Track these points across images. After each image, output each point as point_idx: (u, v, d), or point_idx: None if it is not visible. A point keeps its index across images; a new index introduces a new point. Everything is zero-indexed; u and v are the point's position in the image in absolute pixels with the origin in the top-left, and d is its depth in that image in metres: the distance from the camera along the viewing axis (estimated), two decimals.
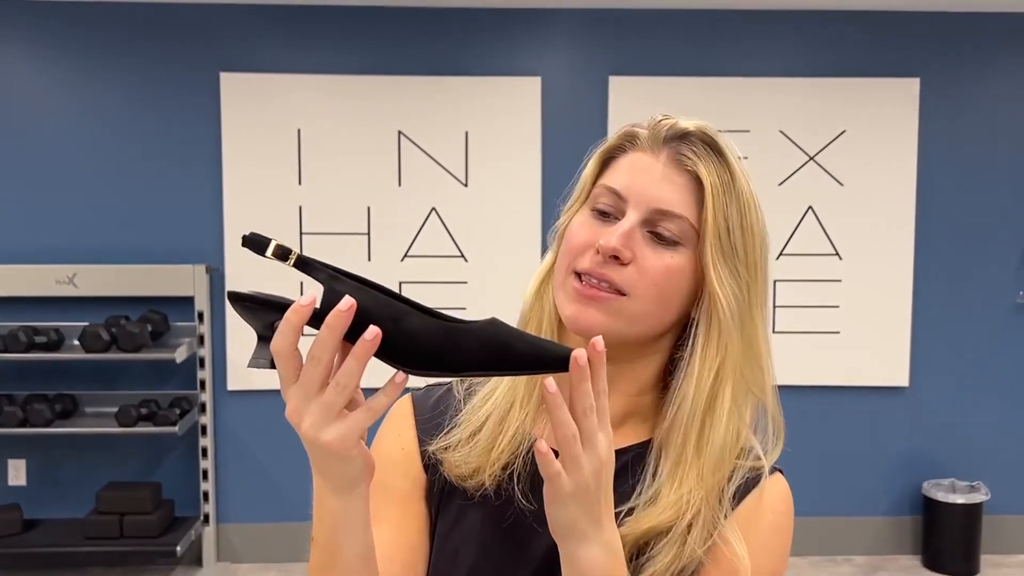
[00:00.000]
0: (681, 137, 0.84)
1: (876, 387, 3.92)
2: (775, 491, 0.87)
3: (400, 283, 3.80)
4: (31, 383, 3.75)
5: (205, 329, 3.69)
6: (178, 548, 3.48)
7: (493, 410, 0.88)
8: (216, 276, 3.76)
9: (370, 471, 0.70)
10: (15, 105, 3.72)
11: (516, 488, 0.85)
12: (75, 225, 3.75)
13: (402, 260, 3.82)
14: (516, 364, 0.65)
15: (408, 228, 3.81)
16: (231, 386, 3.81)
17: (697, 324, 0.83)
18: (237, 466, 3.87)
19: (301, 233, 3.78)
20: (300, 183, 3.77)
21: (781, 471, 0.90)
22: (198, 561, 3.78)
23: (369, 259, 3.81)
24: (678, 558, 0.79)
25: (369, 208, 3.80)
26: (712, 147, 0.84)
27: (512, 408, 0.87)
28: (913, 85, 3.81)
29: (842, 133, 3.81)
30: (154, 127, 3.75)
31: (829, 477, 3.95)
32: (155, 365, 3.78)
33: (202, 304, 3.66)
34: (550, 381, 0.65)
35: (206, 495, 3.75)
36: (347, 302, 0.61)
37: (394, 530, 0.88)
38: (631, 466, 0.85)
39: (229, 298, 0.64)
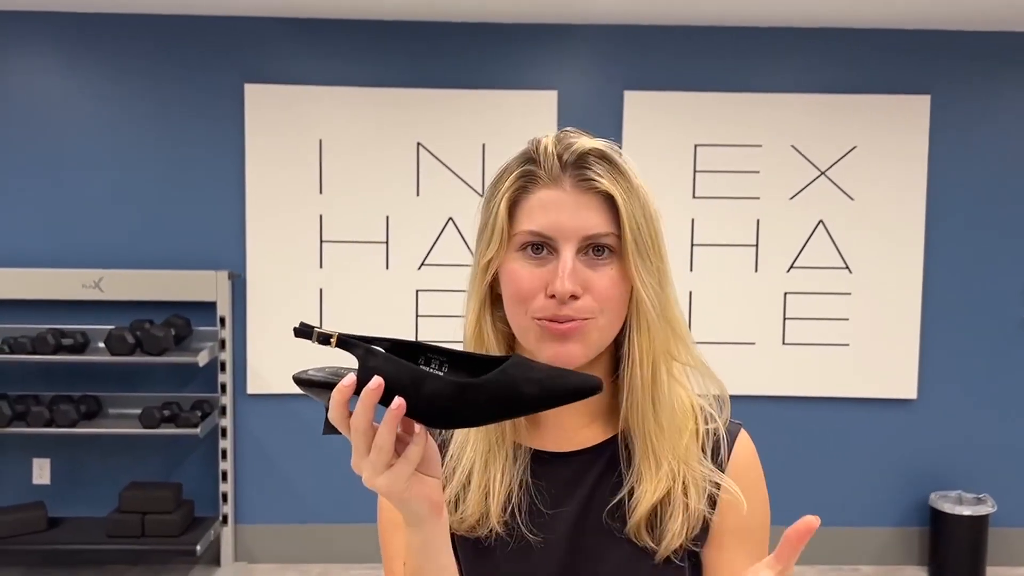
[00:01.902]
0: (576, 162, 0.88)
1: (885, 399, 3.97)
2: (747, 446, 0.97)
3: (417, 291, 3.88)
4: (57, 384, 3.85)
5: (226, 334, 3.77)
6: (198, 547, 3.57)
7: (475, 457, 0.93)
8: (238, 282, 3.85)
9: (437, 510, 0.79)
10: (45, 114, 3.82)
11: (521, 522, 0.92)
12: (102, 231, 3.84)
13: (419, 268, 3.90)
14: (527, 407, 0.75)
15: (425, 237, 3.88)
16: (251, 389, 3.90)
17: (629, 320, 0.90)
18: (255, 468, 3.95)
19: (321, 241, 3.86)
20: (321, 192, 3.86)
21: (742, 425, 0.98)
22: (216, 561, 3.86)
23: (387, 267, 3.89)
24: (687, 519, 0.89)
25: (388, 217, 3.88)
26: (606, 159, 0.88)
27: (491, 450, 0.93)
28: (924, 102, 3.86)
29: (853, 149, 3.87)
30: (180, 136, 3.84)
31: (837, 487, 4.00)
32: (178, 368, 3.87)
33: (224, 309, 3.75)
34: None
35: (225, 496, 3.84)
36: (375, 382, 0.71)
37: None
38: (612, 459, 0.93)
39: (294, 380, 0.77)
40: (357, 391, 0.72)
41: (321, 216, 3.87)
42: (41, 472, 3.91)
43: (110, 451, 3.90)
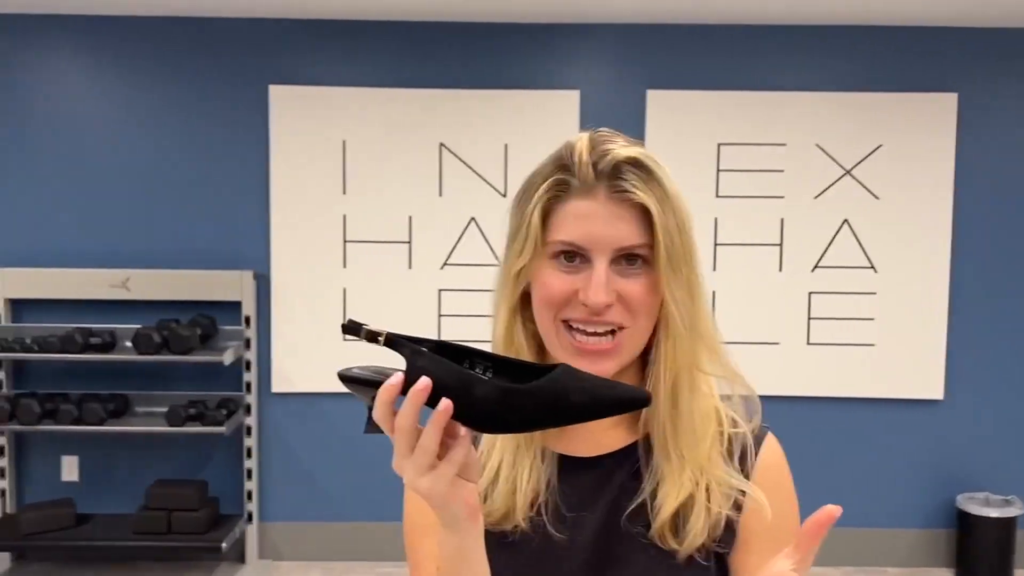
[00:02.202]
0: (612, 172, 0.87)
1: (911, 400, 3.93)
2: (774, 450, 0.97)
3: (439, 290, 3.89)
4: (85, 383, 3.90)
5: (252, 333, 3.81)
6: (223, 545, 3.60)
7: (503, 453, 0.94)
8: (263, 282, 3.88)
9: (473, 513, 0.78)
10: (72, 116, 3.87)
11: (546, 521, 0.92)
12: (129, 231, 3.89)
13: (441, 268, 3.91)
14: (574, 416, 0.74)
15: (448, 237, 3.90)
16: (275, 388, 3.93)
17: (659, 329, 0.91)
18: (280, 466, 3.98)
19: (345, 241, 3.89)
20: (344, 192, 3.88)
21: (769, 429, 0.98)
22: (241, 558, 3.90)
23: (410, 267, 3.90)
24: (708, 520, 0.89)
25: (410, 217, 3.90)
26: (641, 168, 0.87)
27: (519, 447, 0.94)
28: (951, 100, 3.82)
29: (879, 147, 3.84)
30: (205, 137, 3.88)
31: (863, 489, 3.97)
32: (203, 367, 3.91)
33: (249, 309, 3.79)
34: None
35: (250, 494, 3.87)
36: (423, 382, 0.71)
37: None
38: (636, 464, 0.93)
39: (339, 377, 0.75)
40: (403, 391, 0.72)
41: (345, 216, 3.89)
42: (70, 469, 3.97)
43: (137, 449, 3.95)
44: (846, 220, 3.87)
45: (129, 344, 3.71)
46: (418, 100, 3.85)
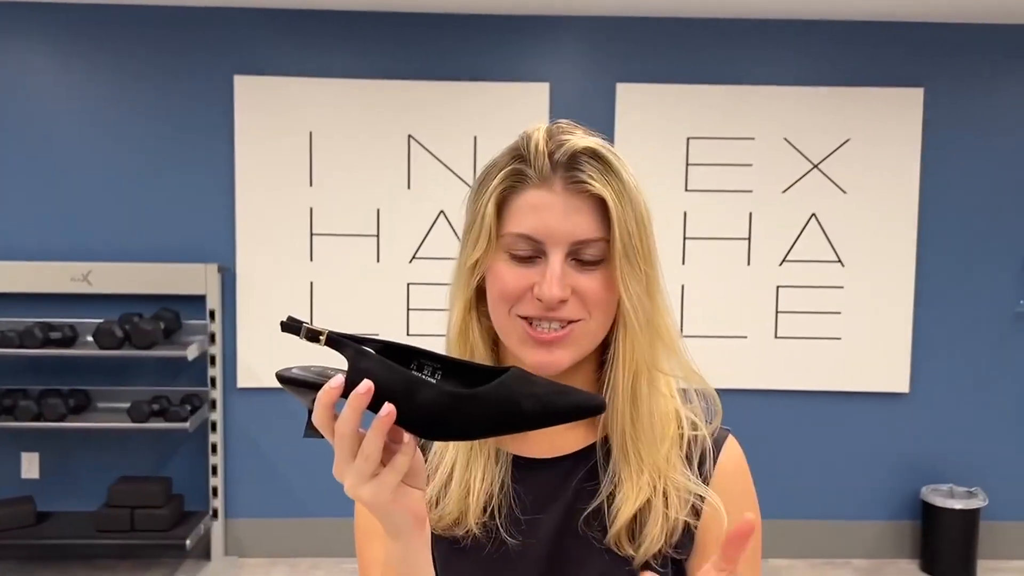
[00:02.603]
0: (568, 162, 0.85)
1: (877, 393, 3.96)
2: (733, 454, 0.95)
3: (408, 284, 3.86)
4: (45, 378, 3.82)
5: (216, 327, 3.75)
6: (187, 542, 3.55)
7: (456, 456, 0.92)
8: (228, 275, 3.83)
9: (419, 523, 0.75)
10: (31, 106, 3.79)
11: (500, 525, 0.90)
12: (90, 224, 3.82)
13: (410, 262, 3.88)
14: (525, 424, 0.70)
15: (417, 231, 3.86)
16: (241, 383, 3.88)
17: (616, 326, 0.89)
18: (246, 462, 3.93)
19: (312, 234, 3.84)
20: (311, 185, 3.83)
21: (730, 431, 0.96)
22: (207, 555, 3.85)
23: (378, 260, 3.87)
24: (665, 526, 0.87)
25: (379, 210, 3.86)
26: (599, 159, 0.85)
27: (472, 449, 0.91)
28: (918, 95, 3.85)
29: (846, 142, 3.85)
30: (169, 129, 3.81)
31: (829, 481, 4.00)
32: (167, 362, 3.85)
33: (213, 303, 3.73)
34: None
35: (215, 490, 3.82)
36: (364, 385, 0.67)
37: None
38: (593, 466, 0.91)
39: (277, 378, 0.72)
40: (345, 394, 0.68)
41: (312, 209, 3.84)
42: (30, 466, 3.89)
43: (99, 445, 3.88)
44: (814, 214, 3.89)
45: (90, 339, 3.64)
46: (386, 91, 3.81)
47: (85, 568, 3.77)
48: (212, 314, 3.74)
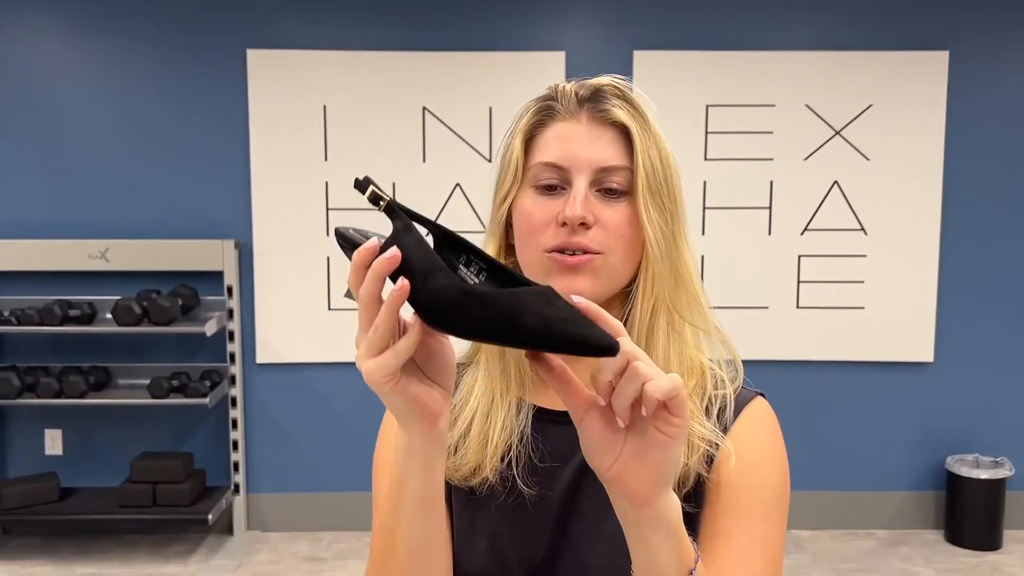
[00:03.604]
0: (593, 96, 0.88)
1: (901, 362, 3.91)
2: (760, 410, 0.92)
3: None
4: (66, 355, 3.84)
5: (234, 303, 3.75)
6: (210, 517, 3.57)
7: (477, 406, 0.92)
8: (244, 251, 3.82)
9: (429, 417, 0.72)
10: (47, 83, 3.77)
11: (517, 475, 0.89)
12: (107, 201, 3.81)
13: (426, 235, 3.83)
14: (522, 340, 0.67)
15: (433, 203, 3.83)
16: (260, 359, 3.88)
17: (641, 260, 0.88)
18: (266, 437, 3.94)
19: (328, 209, 3.82)
20: (326, 159, 3.81)
21: (763, 395, 0.94)
22: (229, 529, 3.87)
23: None
24: (676, 476, 0.83)
25: (394, 184, 3.83)
26: (622, 96, 0.88)
27: (494, 400, 0.91)
28: (942, 58, 3.76)
29: (869, 107, 3.78)
30: (183, 104, 3.79)
31: (852, 452, 3.96)
32: (185, 338, 3.86)
33: (231, 278, 3.72)
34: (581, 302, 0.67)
35: (236, 465, 3.84)
36: (390, 251, 0.66)
37: None
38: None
39: (335, 233, 0.71)
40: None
41: (327, 183, 3.82)
42: (53, 443, 3.92)
43: (121, 422, 3.90)
44: (836, 182, 3.82)
45: (109, 316, 3.65)
46: (400, 63, 3.77)
47: (109, 543, 3.80)
48: (230, 290, 3.73)
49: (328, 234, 3.83)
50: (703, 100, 3.79)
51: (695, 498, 0.87)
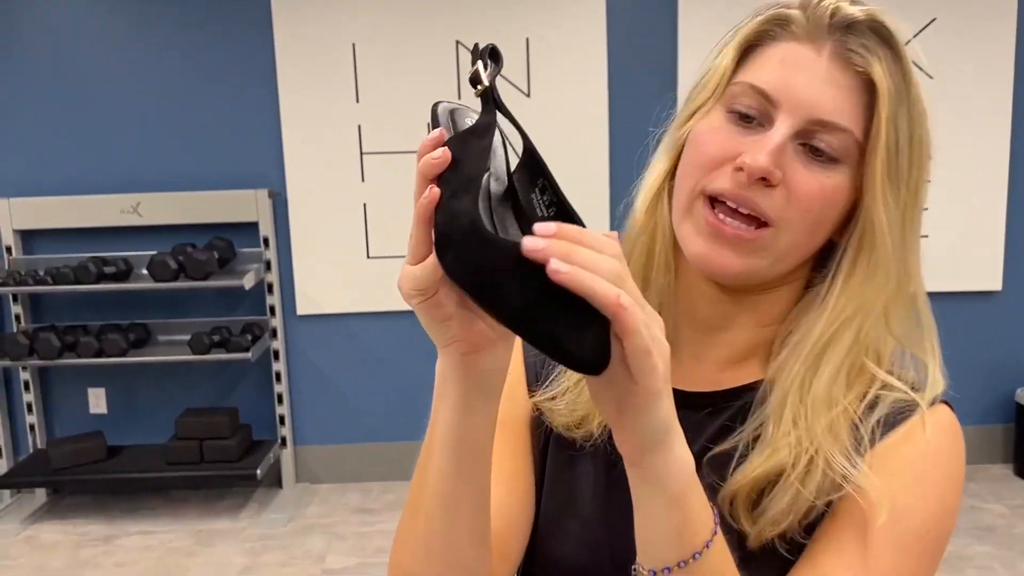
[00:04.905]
0: (848, 26, 0.69)
1: (967, 292, 3.74)
2: (933, 420, 0.74)
3: None
4: (104, 313, 3.77)
5: (271, 254, 3.65)
6: (258, 471, 3.52)
7: None
8: (279, 201, 3.70)
9: (460, 345, 0.60)
10: (74, 39, 3.64)
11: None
12: (136, 154, 3.70)
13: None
14: (495, 307, 0.52)
15: None
16: (300, 311, 3.79)
17: (844, 254, 0.71)
18: (311, 389, 3.88)
19: (362, 153, 3.68)
20: (357, 101, 3.65)
21: (949, 404, 0.76)
22: (278, 483, 3.83)
23: None
24: (795, 502, 0.68)
25: (428, 125, 3.66)
26: (887, 41, 0.69)
27: None
28: None
29: (932, 21, 3.54)
30: (209, 51, 3.65)
31: None
32: (224, 292, 3.77)
33: (267, 229, 3.62)
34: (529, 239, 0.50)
35: (282, 419, 3.78)
36: (438, 151, 0.57)
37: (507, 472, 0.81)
38: (743, 410, 0.74)
39: (432, 107, 0.65)
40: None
41: (360, 127, 3.67)
42: (97, 401, 3.89)
43: (163, 378, 3.85)
44: None
45: (145, 272, 3.56)
46: None
47: (159, 500, 3.79)
48: (266, 241, 3.63)
49: (363, 179, 3.69)
50: None
51: (814, 528, 0.71)
